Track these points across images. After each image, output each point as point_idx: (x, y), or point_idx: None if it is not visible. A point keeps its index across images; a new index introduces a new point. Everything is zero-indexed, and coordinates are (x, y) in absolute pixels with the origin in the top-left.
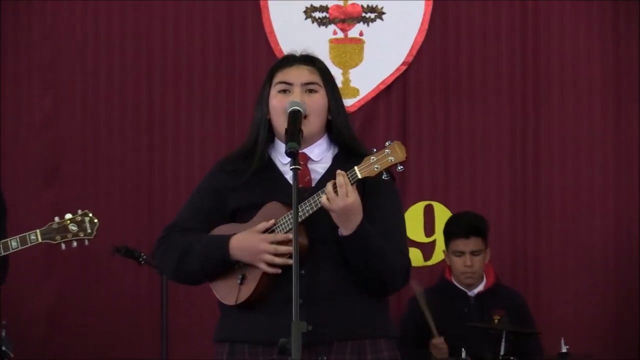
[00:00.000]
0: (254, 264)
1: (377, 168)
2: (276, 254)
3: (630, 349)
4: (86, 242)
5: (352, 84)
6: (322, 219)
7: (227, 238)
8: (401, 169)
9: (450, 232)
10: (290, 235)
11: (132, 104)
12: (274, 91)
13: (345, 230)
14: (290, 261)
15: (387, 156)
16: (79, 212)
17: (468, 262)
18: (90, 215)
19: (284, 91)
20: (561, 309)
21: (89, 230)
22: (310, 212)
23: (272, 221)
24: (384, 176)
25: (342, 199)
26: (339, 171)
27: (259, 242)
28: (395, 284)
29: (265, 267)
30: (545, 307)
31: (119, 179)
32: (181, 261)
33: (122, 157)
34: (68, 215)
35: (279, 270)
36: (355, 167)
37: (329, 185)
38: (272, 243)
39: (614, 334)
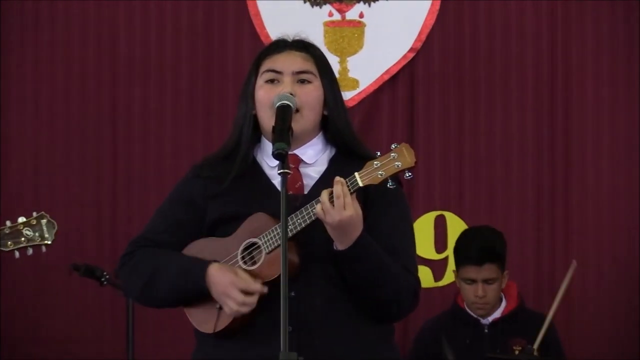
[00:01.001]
0: (222, 305)
1: (381, 175)
2: (244, 303)
3: None
4: (43, 249)
5: (350, 74)
6: (317, 233)
7: (205, 266)
8: (409, 176)
9: (460, 256)
10: (266, 289)
11: (93, 98)
12: (260, 81)
13: (341, 244)
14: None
15: (393, 161)
16: (34, 214)
17: (480, 293)
18: (48, 217)
19: (272, 81)
20: (596, 345)
21: (46, 235)
22: (303, 225)
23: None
24: (389, 184)
25: (339, 212)
26: (337, 179)
27: (228, 284)
28: (402, 309)
29: (228, 310)
30: (577, 343)
31: (78, 186)
32: (148, 287)
33: (81, 161)
34: (21, 219)
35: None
36: (356, 174)
37: (325, 195)
38: (243, 291)
39: None
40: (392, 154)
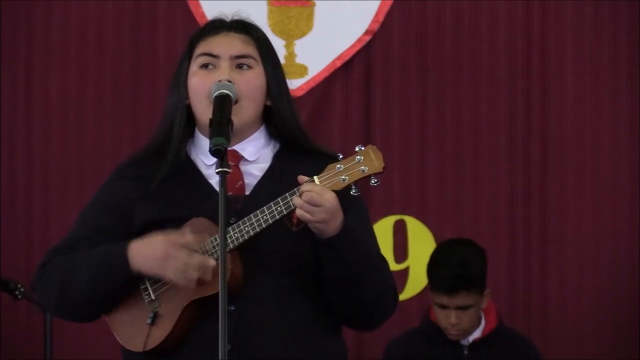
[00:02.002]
0: (163, 275)
1: (344, 180)
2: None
3: None
4: None
5: (298, 60)
6: (264, 242)
7: (125, 244)
8: (376, 183)
9: (432, 279)
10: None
11: (3, 86)
12: (194, 67)
13: (328, 234)
14: (213, 262)
15: (358, 165)
16: None
17: (453, 320)
18: None
19: (207, 66)
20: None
21: None
22: (251, 233)
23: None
24: (353, 191)
25: (325, 203)
26: (303, 184)
27: (164, 245)
28: (386, 307)
29: (173, 276)
30: None
31: None
32: (65, 284)
33: None
34: None
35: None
36: (315, 178)
37: (299, 200)
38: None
39: None
40: (358, 157)
